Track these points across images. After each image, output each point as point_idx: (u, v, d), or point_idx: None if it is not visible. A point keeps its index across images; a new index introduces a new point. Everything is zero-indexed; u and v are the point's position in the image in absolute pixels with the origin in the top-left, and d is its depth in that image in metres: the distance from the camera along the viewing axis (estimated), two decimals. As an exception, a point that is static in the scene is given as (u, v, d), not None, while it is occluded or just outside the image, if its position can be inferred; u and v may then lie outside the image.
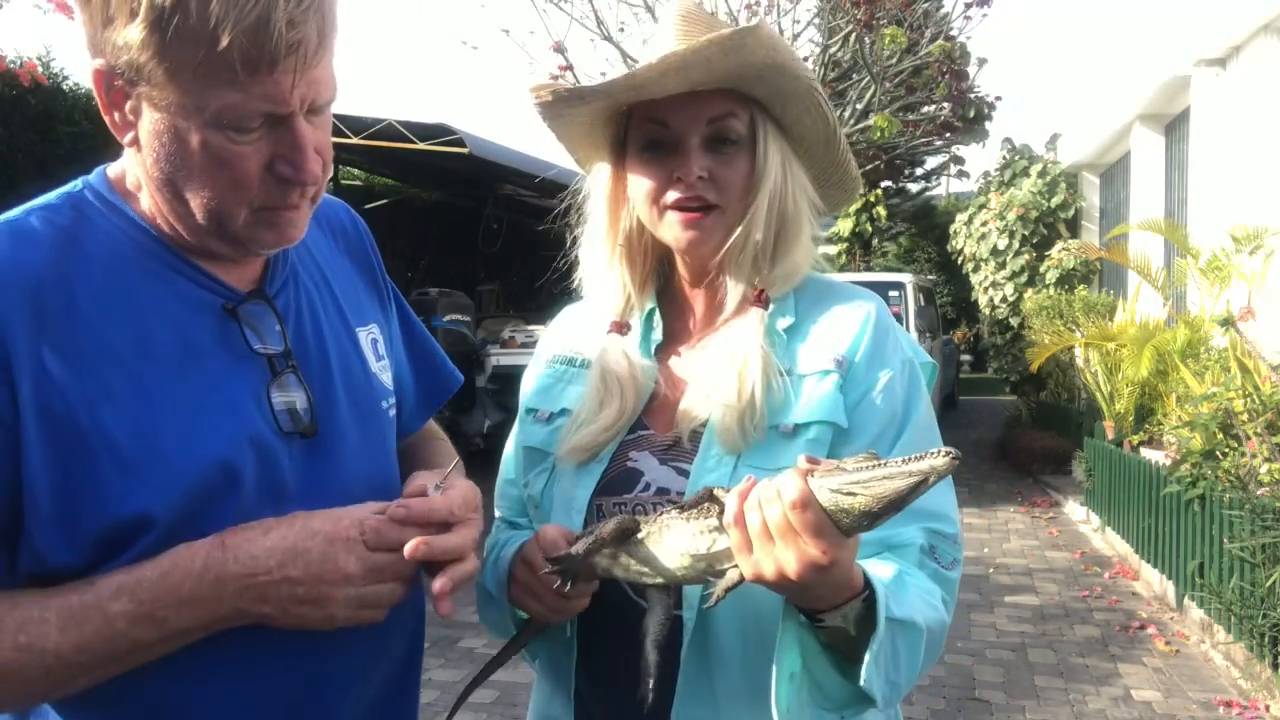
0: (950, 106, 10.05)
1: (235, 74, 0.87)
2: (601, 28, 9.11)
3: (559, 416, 1.29)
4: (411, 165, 11.45)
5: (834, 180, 1.33)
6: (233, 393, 1.00)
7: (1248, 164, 7.12)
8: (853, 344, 1.20)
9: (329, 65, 0.95)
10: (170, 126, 0.91)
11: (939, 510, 1.15)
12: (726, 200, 1.21)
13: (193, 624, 0.92)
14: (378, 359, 1.19)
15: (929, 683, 4.59)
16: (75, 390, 0.91)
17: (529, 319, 11.42)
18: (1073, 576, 6.52)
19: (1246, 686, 4.49)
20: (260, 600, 0.92)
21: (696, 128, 1.19)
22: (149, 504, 0.92)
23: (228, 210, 0.96)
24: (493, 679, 1.16)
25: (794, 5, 9.06)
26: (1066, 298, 11.09)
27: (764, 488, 0.94)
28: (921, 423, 1.19)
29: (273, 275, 1.09)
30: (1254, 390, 5.19)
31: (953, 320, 21.24)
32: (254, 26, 0.85)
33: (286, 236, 1.01)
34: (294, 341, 1.07)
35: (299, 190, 0.97)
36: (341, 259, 1.22)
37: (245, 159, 0.92)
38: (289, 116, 0.92)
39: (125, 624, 0.90)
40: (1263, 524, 4.36)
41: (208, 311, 1.01)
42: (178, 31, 0.85)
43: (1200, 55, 7.91)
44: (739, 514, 0.95)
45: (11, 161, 8.25)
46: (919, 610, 1.05)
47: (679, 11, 1.22)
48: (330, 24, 0.92)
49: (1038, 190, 13.09)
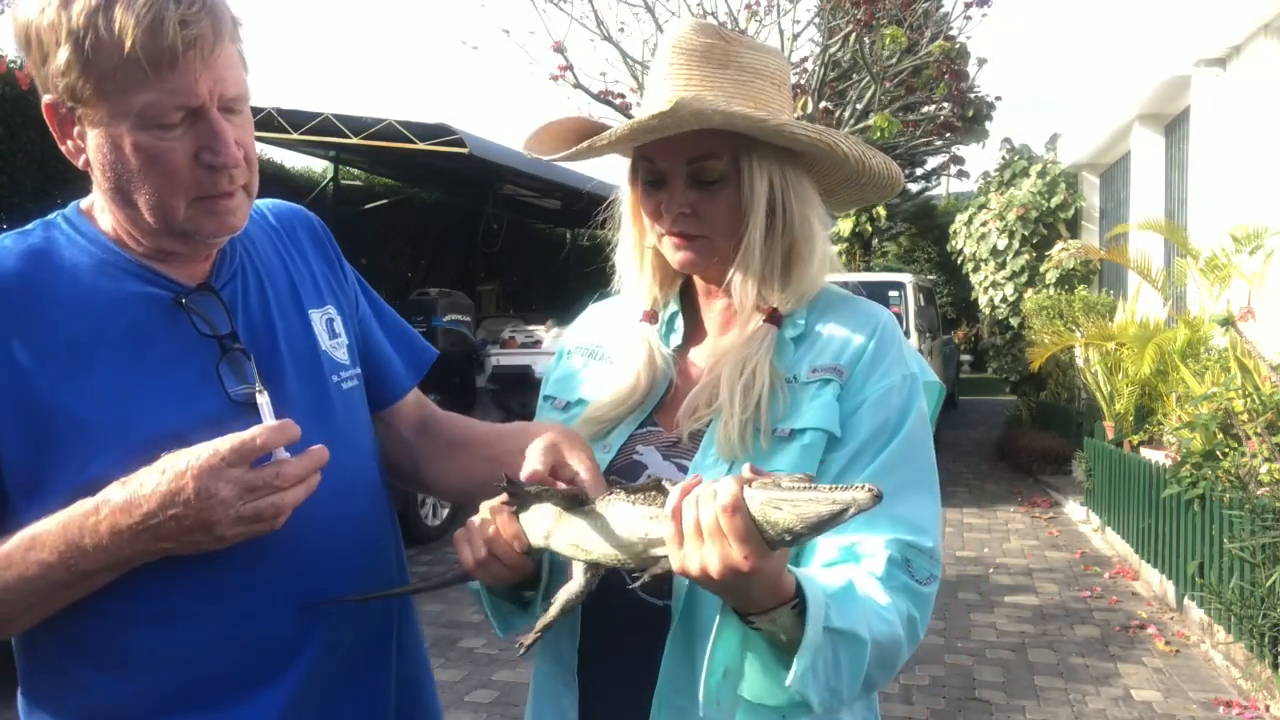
0: (950, 106, 10.05)
1: (146, 73, 1.02)
2: (601, 28, 9.12)
3: (575, 405, 1.34)
4: (411, 165, 11.44)
5: (862, 183, 1.33)
6: (183, 371, 1.14)
7: (1248, 164, 7.12)
8: (855, 353, 1.22)
9: (233, 64, 1.09)
10: (108, 138, 1.07)
11: (918, 523, 1.15)
12: (712, 231, 1.25)
13: (100, 567, 1.05)
14: (331, 336, 1.31)
15: (929, 683, 4.59)
16: (40, 377, 1.07)
17: (529, 319, 11.43)
18: (1073, 576, 6.52)
19: (1246, 686, 4.49)
20: (156, 539, 1.03)
21: (678, 167, 1.24)
22: (107, 470, 1.05)
23: (168, 204, 1.09)
24: (493, 679, 1.17)
25: (794, 5, 9.07)
26: (1066, 298, 11.09)
27: (705, 487, 0.97)
28: (911, 436, 1.19)
29: (219, 270, 1.22)
30: (1254, 390, 5.19)
31: (953, 320, 21.25)
32: (150, 27, 1.00)
33: (227, 224, 1.14)
34: (242, 325, 1.20)
35: (226, 176, 1.10)
36: (298, 253, 1.35)
37: (173, 153, 1.07)
38: (202, 109, 1.06)
39: (40, 569, 1.04)
40: (1263, 524, 4.36)
41: (158, 304, 1.15)
42: (93, 45, 1.01)
43: (1200, 55, 7.91)
44: (677, 507, 0.98)
45: (11, 161, 8.25)
46: (865, 622, 1.05)
47: (672, 44, 1.24)
48: (223, 26, 1.06)
49: (1038, 190, 13.09)
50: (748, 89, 1.23)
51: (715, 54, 1.22)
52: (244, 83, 1.11)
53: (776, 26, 9.29)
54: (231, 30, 1.08)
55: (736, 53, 1.23)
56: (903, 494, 1.16)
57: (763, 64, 1.25)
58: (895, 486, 1.14)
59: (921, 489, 1.19)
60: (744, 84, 1.23)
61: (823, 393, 1.20)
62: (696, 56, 1.22)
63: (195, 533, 1.02)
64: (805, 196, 1.27)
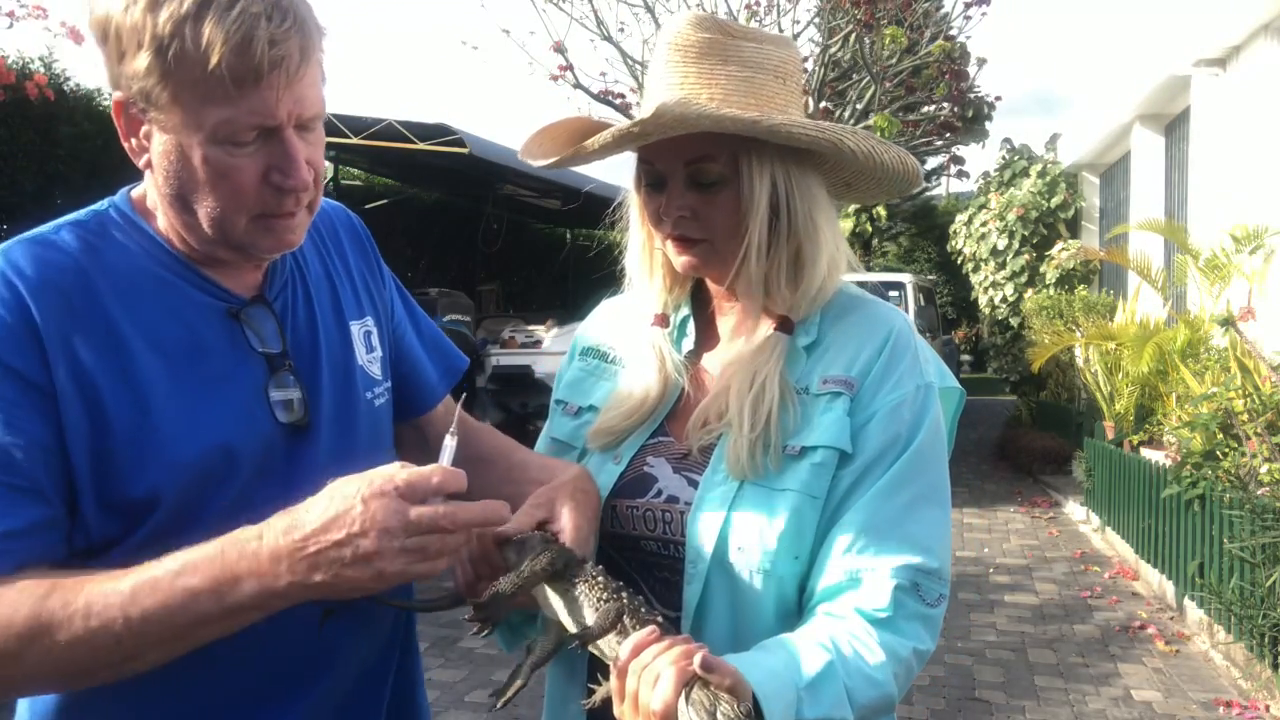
0: (950, 106, 10.05)
1: (227, 90, 0.98)
2: (601, 28, 9.11)
3: (586, 412, 1.32)
4: (411, 165, 11.45)
5: (878, 177, 1.27)
6: (234, 387, 1.12)
7: (1248, 164, 7.12)
8: (865, 365, 1.19)
9: (314, 83, 1.06)
10: (176, 146, 1.03)
11: (926, 543, 1.13)
12: (712, 234, 1.21)
13: (249, 601, 0.97)
14: (368, 350, 1.29)
15: (929, 683, 4.59)
16: (100, 377, 1.04)
17: (529, 319, 11.43)
18: (1073, 576, 6.52)
19: (1246, 686, 4.49)
20: (312, 569, 0.96)
21: (676, 169, 1.20)
22: (157, 483, 1.04)
23: (230, 218, 1.07)
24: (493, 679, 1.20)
25: (794, 5, 9.06)
26: (1066, 298, 11.10)
27: (648, 660, 0.94)
28: (922, 450, 1.16)
29: (273, 280, 1.20)
30: (1254, 390, 5.19)
31: (953, 320, 21.24)
32: (240, 45, 0.97)
33: (284, 242, 1.12)
34: (290, 341, 1.18)
35: (293, 197, 1.08)
36: (340, 259, 1.32)
37: (242, 170, 1.04)
38: (278, 129, 1.03)
39: (187, 598, 0.96)
40: (1263, 524, 4.36)
41: (214, 315, 1.13)
42: (176, 55, 0.97)
43: (1200, 55, 7.92)
44: (624, 666, 0.96)
45: (12, 161, 8.25)
46: (844, 700, 1.03)
47: (669, 41, 1.21)
48: (311, 43, 1.03)
49: (1037, 190, 13.09)
50: (749, 85, 1.18)
51: (714, 49, 1.18)
52: (321, 100, 1.08)
53: (776, 26, 9.29)
54: (317, 42, 1.05)
55: (737, 47, 1.19)
56: (912, 511, 1.14)
57: (765, 57, 1.20)
58: (905, 503, 1.14)
59: (931, 504, 1.16)
60: (744, 80, 1.18)
61: (833, 407, 1.17)
62: (694, 53, 1.18)
63: (356, 565, 0.95)
64: (811, 195, 1.23)
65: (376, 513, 0.95)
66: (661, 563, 1.21)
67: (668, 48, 1.21)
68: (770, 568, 1.13)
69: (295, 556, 0.96)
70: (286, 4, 1.01)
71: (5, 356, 1.00)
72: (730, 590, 1.15)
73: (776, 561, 1.13)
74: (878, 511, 1.13)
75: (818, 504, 1.14)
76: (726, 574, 1.15)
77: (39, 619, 0.95)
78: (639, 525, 1.22)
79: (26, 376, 1.01)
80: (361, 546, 0.95)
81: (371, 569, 0.96)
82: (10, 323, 1.01)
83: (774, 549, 1.13)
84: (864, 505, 1.13)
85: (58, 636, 0.95)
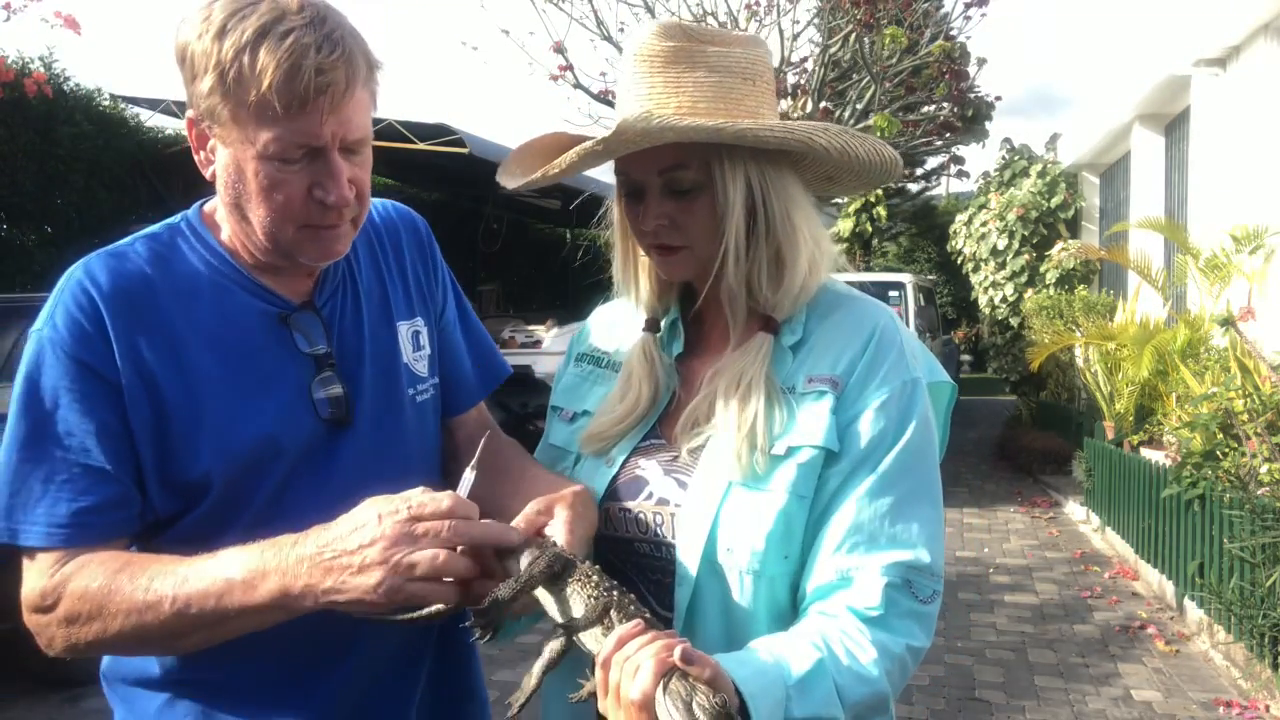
0: (950, 106, 10.05)
1: (276, 112, 1.10)
2: (601, 28, 9.12)
3: (581, 417, 1.34)
4: (411, 165, 11.45)
5: (857, 170, 1.27)
6: (281, 385, 1.24)
7: (1248, 164, 7.12)
8: (850, 362, 1.19)
9: (361, 109, 1.16)
10: (234, 160, 1.16)
11: (915, 540, 1.13)
12: (691, 240, 1.22)
13: (272, 598, 1.08)
14: (415, 349, 1.39)
15: (929, 683, 4.59)
16: (160, 373, 1.17)
17: (529, 319, 11.43)
18: (1073, 576, 6.52)
19: (1246, 686, 4.49)
20: (326, 574, 1.06)
21: (651, 178, 1.21)
22: (209, 468, 1.17)
23: (279, 227, 1.18)
24: (493, 679, 1.19)
25: (794, 5, 9.07)
26: (1066, 298, 11.09)
27: (630, 653, 0.96)
28: (910, 446, 1.16)
29: (323, 287, 1.31)
30: (1254, 390, 5.19)
31: (953, 320, 21.22)
32: (289, 72, 1.08)
33: (330, 251, 1.23)
34: (336, 344, 1.29)
35: (336, 212, 1.18)
36: (397, 260, 1.42)
37: (290, 185, 1.15)
38: (324, 149, 1.14)
39: (223, 586, 1.09)
40: (1263, 524, 4.36)
41: (265, 319, 1.25)
42: (235, 78, 1.09)
43: (1200, 55, 7.91)
44: (607, 659, 0.98)
45: (12, 161, 8.25)
46: (834, 699, 1.04)
47: (635, 52, 1.20)
48: (358, 74, 1.14)
49: (1038, 190, 13.08)
50: (717, 89, 1.18)
51: (680, 57, 1.18)
52: (368, 126, 1.19)
53: (776, 26, 9.29)
54: (366, 75, 1.16)
55: (703, 52, 1.18)
56: (902, 508, 1.14)
57: (733, 60, 1.19)
58: (895, 500, 1.14)
59: (923, 501, 1.16)
60: (712, 85, 1.18)
61: (818, 405, 1.17)
62: (660, 62, 1.18)
63: (362, 573, 1.05)
64: (787, 195, 1.23)
65: (388, 528, 1.05)
66: (654, 565, 1.21)
67: (634, 59, 1.20)
68: (760, 568, 1.14)
69: (315, 560, 1.07)
70: (338, 37, 1.12)
71: (82, 355, 1.15)
72: (721, 591, 1.15)
73: (766, 562, 1.14)
74: (867, 509, 1.13)
75: (806, 503, 1.15)
76: (716, 575, 1.15)
77: (109, 589, 1.11)
78: (631, 528, 1.23)
79: (100, 372, 1.15)
80: (368, 556, 1.05)
81: (374, 578, 1.04)
82: (87, 328, 1.16)
83: (763, 549, 1.13)
84: (854, 503, 1.13)
85: (121, 607, 1.11)
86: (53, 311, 1.18)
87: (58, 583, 1.13)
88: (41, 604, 1.15)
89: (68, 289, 1.19)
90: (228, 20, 1.10)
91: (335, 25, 1.13)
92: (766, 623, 1.14)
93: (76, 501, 1.14)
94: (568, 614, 1.07)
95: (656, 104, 1.17)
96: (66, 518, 1.14)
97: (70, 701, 4.46)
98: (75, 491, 1.14)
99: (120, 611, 1.11)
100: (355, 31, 1.16)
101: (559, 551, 1.10)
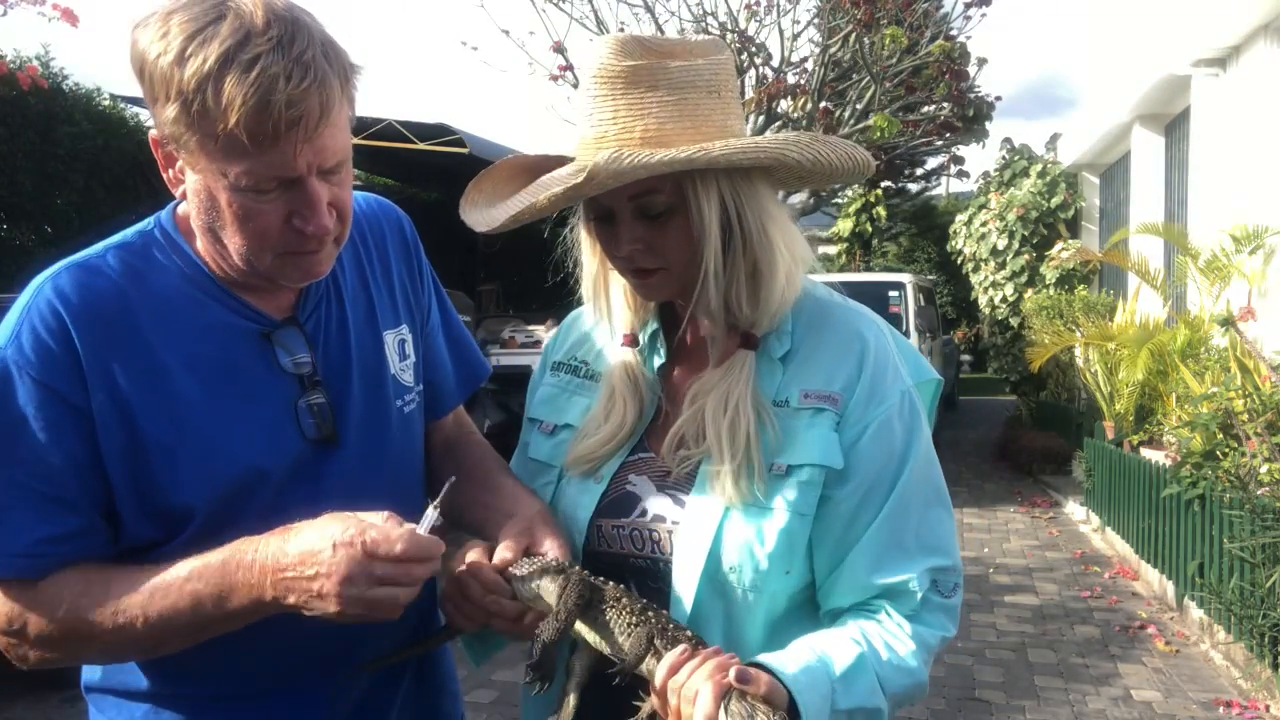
0: (950, 106, 10.05)
1: (245, 147, 1.02)
2: (601, 28, 9.12)
3: (563, 430, 1.31)
4: (411, 165, 11.46)
5: (828, 173, 1.25)
6: (266, 406, 1.18)
7: (1248, 164, 7.12)
8: (849, 379, 1.19)
9: (339, 130, 1.08)
10: (205, 187, 1.08)
11: (940, 544, 1.18)
12: (668, 263, 1.19)
13: (244, 607, 1.08)
14: (401, 359, 1.33)
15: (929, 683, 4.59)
16: (136, 399, 1.10)
17: (529, 319, 11.43)
18: (1073, 576, 6.52)
19: (1246, 686, 4.49)
20: (287, 592, 1.06)
21: (623, 204, 1.17)
22: (191, 498, 1.12)
23: (257, 255, 1.12)
24: (493, 679, 1.20)
25: (794, 5, 9.07)
26: (1066, 298, 11.09)
27: (684, 678, 0.99)
28: (921, 459, 1.19)
29: (305, 300, 1.25)
30: (1254, 390, 5.19)
31: (953, 320, 21.23)
32: (256, 107, 0.99)
33: (311, 273, 1.17)
34: (321, 359, 1.23)
35: (316, 238, 1.12)
36: (382, 264, 1.36)
37: (266, 215, 1.08)
38: (300, 178, 1.07)
39: (193, 601, 1.08)
40: (1263, 524, 4.36)
41: (247, 336, 1.19)
42: (199, 111, 1.01)
43: (1199, 55, 7.90)
44: (663, 687, 1.01)
45: (12, 161, 8.24)
46: (876, 689, 1.10)
47: (594, 74, 1.17)
48: (332, 97, 1.05)
49: (1038, 190, 13.08)
50: (682, 108, 1.14)
51: (641, 76, 1.14)
52: (347, 146, 1.12)
53: (776, 26, 9.30)
54: (342, 93, 1.07)
55: (664, 69, 1.14)
56: (926, 517, 1.18)
57: (695, 73, 1.16)
58: (918, 512, 1.18)
59: (938, 504, 1.20)
60: (676, 104, 1.14)
61: (818, 423, 1.17)
62: (621, 84, 1.14)
63: (320, 600, 1.05)
64: (761, 208, 1.20)
65: (341, 561, 1.03)
66: (649, 580, 1.21)
67: (594, 80, 1.16)
68: (763, 585, 1.15)
69: (276, 577, 1.06)
70: (309, 59, 1.02)
71: (49, 380, 1.08)
72: (723, 607, 1.16)
73: (768, 579, 1.15)
74: (895, 529, 1.16)
75: (807, 520, 1.16)
76: (717, 592, 1.16)
77: (75, 614, 1.09)
78: (625, 544, 1.22)
79: (68, 399, 1.08)
80: (325, 588, 1.04)
81: (332, 606, 1.05)
82: (54, 349, 1.09)
83: (766, 568, 1.15)
84: (880, 525, 1.16)
85: (92, 629, 1.09)
86: (17, 330, 1.10)
87: (20, 611, 1.10)
88: (8, 628, 1.11)
89: (34, 306, 1.11)
90: (187, 44, 1.00)
91: (305, 44, 1.03)
92: (763, 630, 1.17)
93: (34, 532, 1.08)
94: (614, 646, 1.08)
95: (621, 129, 1.14)
96: (25, 548, 1.08)
97: (69, 701, 4.45)
98: (34, 520, 1.08)
99: (92, 636, 1.09)
100: (330, 41, 1.07)
101: (582, 577, 1.11)
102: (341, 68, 1.08)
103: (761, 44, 9.52)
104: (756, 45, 9.38)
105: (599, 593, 1.10)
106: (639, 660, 1.05)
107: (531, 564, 1.14)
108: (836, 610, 1.18)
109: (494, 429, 9.27)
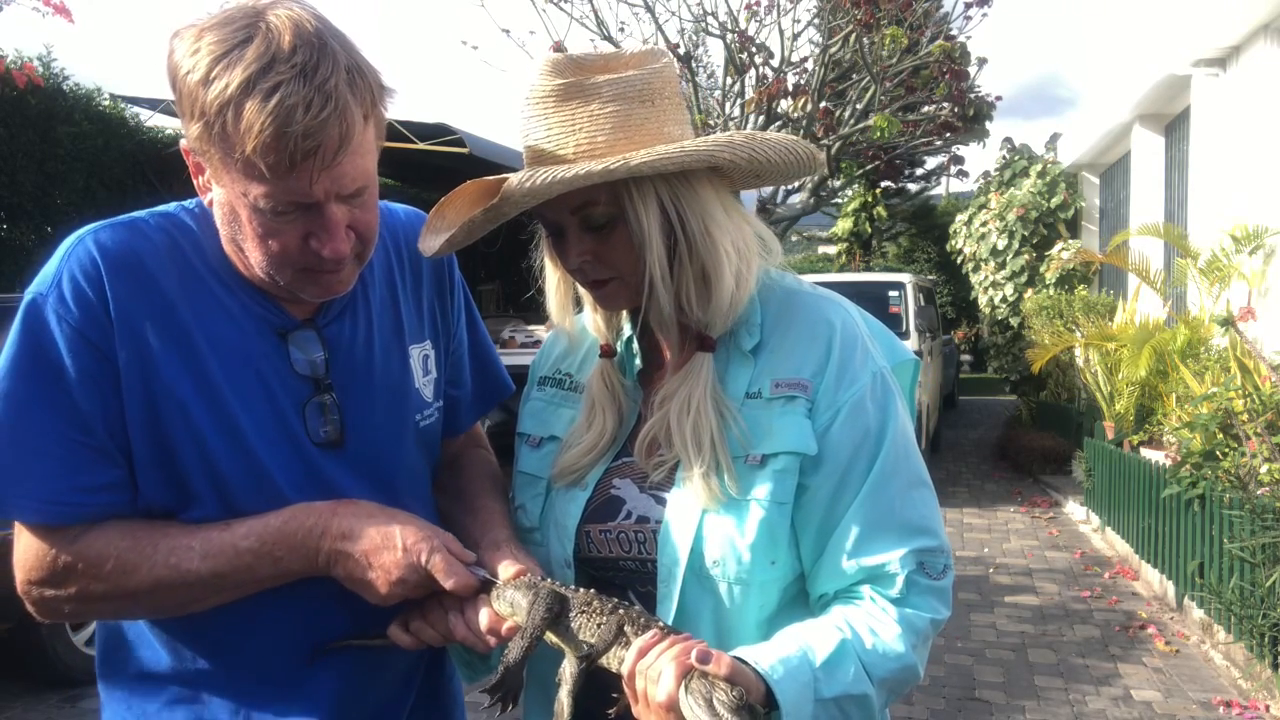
0: (950, 106, 10.06)
1: (263, 173, 1.04)
2: (601, 28, 9.12)
3: (549, 442, 1.33)
4: (411, 165, 11.44)
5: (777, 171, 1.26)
6: (276, 403, 1.20)
7: (1248, 164, 7.12)
8: (818, 364, 1.19)
9: (359, 155, 1.09)
10: (228, 202, 1.11)
11: (923, 524, 1.16)
12: (618, 271, 1.21)
13: (298, 568, 1.15)
14: (425, 374, 1.35)
15: (929, 683, 4.59)
16: (161, 359, 1.13)
17: (529, 319, 11.42)
18: (1073, 576, 6.52)
19: (1246, 686, 4.50)
20: (339, 567, 1.14)
21: (566, 218, 1.20)
22: (198, 486, 1.15)
23: (277, 271, 1.15)
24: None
25: (794, 5, 9.07)
26: (1066, 298, 11.09)
27: (651, 660, 1.00)
28: (896, 438, 1.18)
29: (328, 306, 1.26)
30: (1254, 390, 5.19)
31: (953, 320, 21.21)
32: (273, 137, 1.01)
33: (330, 290, 1.19)
34: (339, 365, 1.25)
35: (334, 260, 1.13)
36: (414, 276, 1.37)
37: (285, 234, 1.11)
38: (317, 204, 1.09)
39: (251, 559, 1.13)
40: (1263, 524, 4.36)
41: (267, 331, 1.21)
42: (219, 134, 1.03)
43: (1199, 55, 7.90)
44: (631, 671, 1.02)
45: (11, 161, 8.25)
46: (863, 676, 1.08)
47: (527, 96, 1.19)
48: (352, 127, 1.05)
49: (1037, 190, 13.08)
50: (614, 120, 1.16)
51: (573, 92, 1.16)
52: (369, 172, 1.13)
53: (777, 26, 9.30)
54: (365, 120, 1.08)
55: (595, 85, 1.16)
56: (905, 498, 1.17)
57: (627, 85, 1.16)
58: (896, 493, 1.16)
59: (917, 485, 1.19)
60: (609, 116, 1.16)
61: (790, 410, 1.17)
62: (553, 102, 1.17)
63: (364, 586, 1.15)
64: (703, 211, 1.20)
65: (402, 566, 1.12)
66: (639, 581, 1.22)
67: (527, 102, 1.19)
68: (747, 578, 1.15)
69: (336, 555, 1.14)
70: (330, 88, 1.02)
71: (85, 329, 1.10)
72: (711, 603, 1.17)
73: (753, 571, 1.15)
74: (873, 510, 1.15)
75: (786, 509, 1.16)
76: (704, 588, 1.16)
77: (124, 568, 1.12)
78: (613, 548, 1.23)
79: (100, 348, 1.11)
80: (376, 579, 1.13)
81: (374, 598, 1.15)
82: (90, 298, 1.11)
83: (749, 560, 1.15)
84: (859, 507, 1.15)
85: (140, 583, 1.12)
86: (57, 277, 1.11)
87: (64, 561, 1.11)
88: (46, 578, 1.12)
89: (75, 254, 1.12)
90: (214, 65, 1.02)
91: (330, 71, 1.03)
92: (756, 625, 1.16)
93: (69, 479, 1.10)
94: (583, 645, 1.08)
95: (556, 145, 1.16)
96: (59, 494, 1.10)
97: (69, 701, 4.45)
98: (70, 468, 1.10)
99: (138, 590, 1.12)
100: (357, 66, 1.07)
101: (550, 588, 1.11)
102: (367, 92, 1.08)
103: (762, 44, 9.53)
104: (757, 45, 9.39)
105: (566, 602, 1.10)
106: (607, 648, 1.05)
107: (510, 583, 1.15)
108: (823, 597, 1.18)
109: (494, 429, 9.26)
